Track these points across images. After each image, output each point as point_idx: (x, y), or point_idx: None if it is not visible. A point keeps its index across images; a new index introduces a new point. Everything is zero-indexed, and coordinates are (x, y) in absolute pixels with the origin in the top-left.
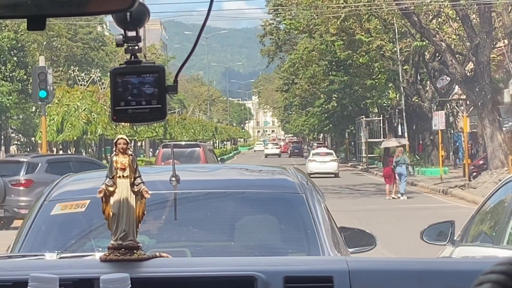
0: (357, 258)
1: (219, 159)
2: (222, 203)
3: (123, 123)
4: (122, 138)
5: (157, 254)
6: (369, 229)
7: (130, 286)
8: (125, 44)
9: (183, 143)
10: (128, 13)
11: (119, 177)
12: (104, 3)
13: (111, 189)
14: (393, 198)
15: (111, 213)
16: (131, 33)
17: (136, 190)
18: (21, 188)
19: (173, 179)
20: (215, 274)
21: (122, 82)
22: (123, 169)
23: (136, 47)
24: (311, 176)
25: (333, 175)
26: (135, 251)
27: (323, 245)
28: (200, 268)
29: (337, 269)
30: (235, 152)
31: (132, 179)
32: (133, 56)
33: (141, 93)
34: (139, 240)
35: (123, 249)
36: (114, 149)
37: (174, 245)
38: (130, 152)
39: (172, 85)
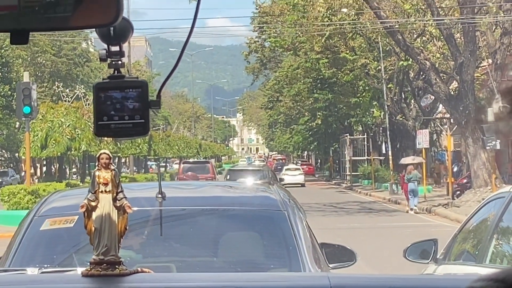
0: (339, 274)
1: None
2: (207, 220)
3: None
4: (104, 153)
5: (139, 269)
6: (352, 246)
7: None
8: (108, 59)
9: (197, 159)
10: (112, 28)
11: (102, 192)
12: (87, 18)
13: (93, 204)
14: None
15: (93, 228)
16: (115, 48)
17: (118, 205)
18: None
19: (159, 196)
20: None
21: (105, 97)
22: (106, 184)
23: (120, 62)
24: (284, 186)
25: (300, 185)
26: (117, 266)
27: (304, 261)
28: (182, 284)
29: (319, 285)
30: (219, 169)
31: (115, 194)
32: (116, 71)
33: (124, 108)
34: (126, 255)
35: (104, 264)
36: (96, 164)
37: (160, 260)
38: (112, 167)
39: (155, 100)
